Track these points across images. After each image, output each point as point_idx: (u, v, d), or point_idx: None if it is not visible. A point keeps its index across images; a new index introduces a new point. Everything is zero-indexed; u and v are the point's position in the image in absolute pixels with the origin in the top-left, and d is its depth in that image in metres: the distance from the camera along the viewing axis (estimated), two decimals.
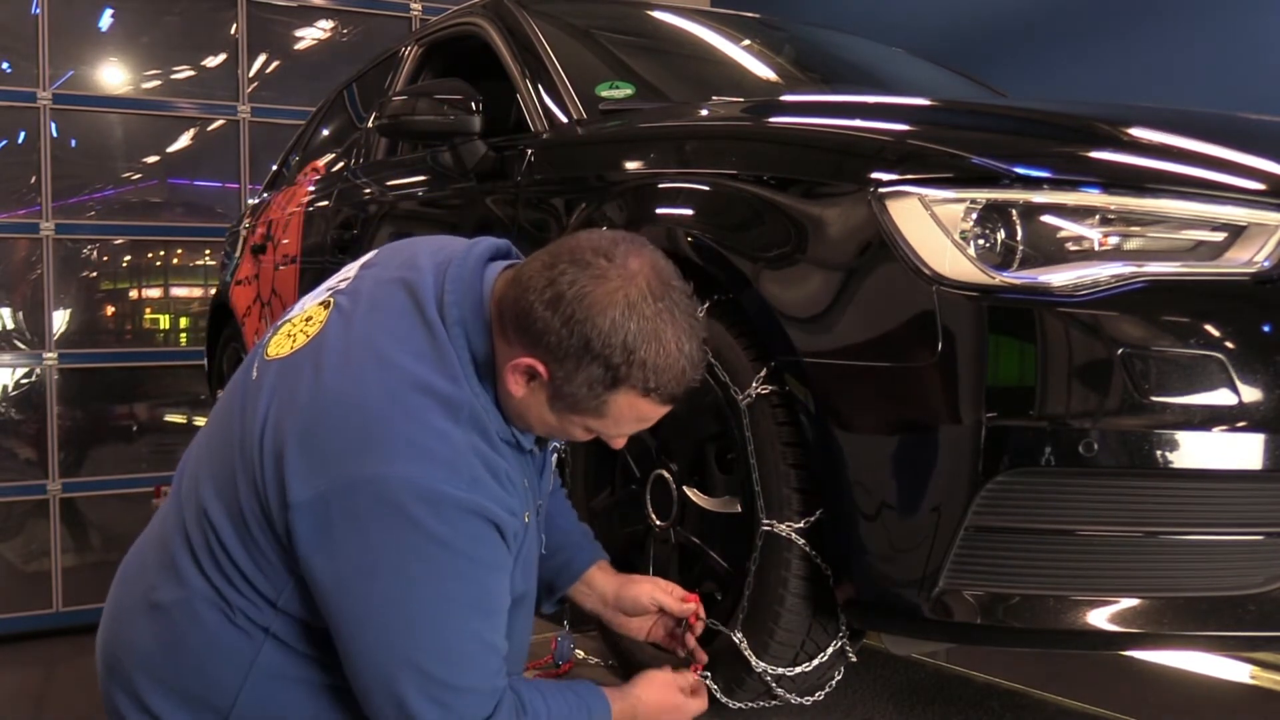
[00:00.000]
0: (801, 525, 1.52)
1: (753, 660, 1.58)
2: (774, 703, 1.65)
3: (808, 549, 1.53)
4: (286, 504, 1.25)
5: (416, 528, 1.22)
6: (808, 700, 1.65)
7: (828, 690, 1.68)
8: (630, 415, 1.32)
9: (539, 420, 1.35)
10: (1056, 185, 1.40)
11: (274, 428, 1.29)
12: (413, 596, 1.24)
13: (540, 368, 1.27)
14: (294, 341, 1.38)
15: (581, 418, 1.33)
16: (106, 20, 5.20)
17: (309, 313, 1.42)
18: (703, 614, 1.64)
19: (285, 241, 3.53)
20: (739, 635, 1.60)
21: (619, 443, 1.43)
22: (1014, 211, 1.39)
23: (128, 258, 5.39)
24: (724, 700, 1.65)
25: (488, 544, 1.28)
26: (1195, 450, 1.32)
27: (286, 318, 1.46)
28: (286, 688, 1.36)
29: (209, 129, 5.37)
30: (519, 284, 1.29)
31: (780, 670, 1.59)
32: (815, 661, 1.59)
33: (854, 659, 1.63)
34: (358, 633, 1.26)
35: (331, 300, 1.40)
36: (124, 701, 1.39)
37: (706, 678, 1.64)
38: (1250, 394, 1.30)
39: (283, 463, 1.26)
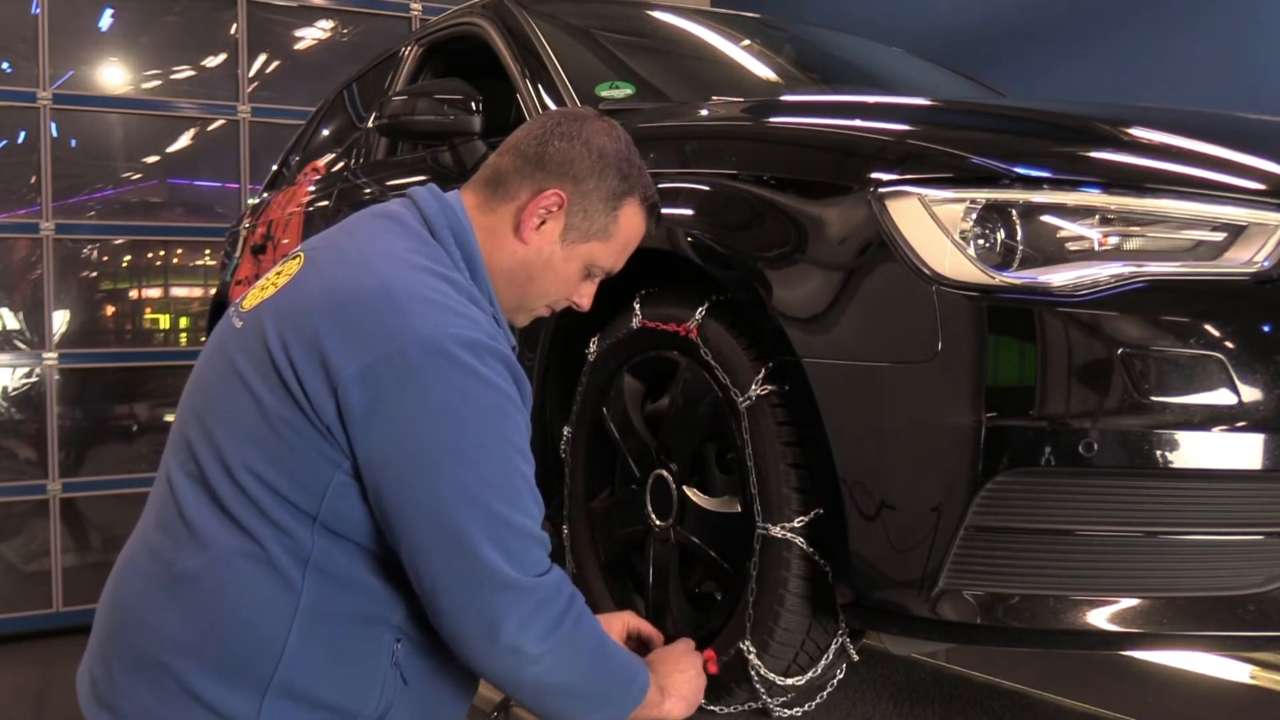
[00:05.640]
0: (799, 525, 1.53)
1: (758, 673, 1.58)
2: (772, 703, 1.65)
3: (808, 549, 1.53)
4: (334, 384, 1.27)
5: (462, 369, 1.28)
6: (798, 711, 1.66)
7: (829, 690, 1.68)
8: (628, 233, 1.51)
9: (542, 268, 1.48)
10: (1056, 185, 1.40)
11: (295, 330, 1.31)
12: (468, 435, 1.28)
13: (562, 195, 1.45)
14: (275, 286, 1.40)
15: (589, 246, 1.49)
16: (106, 20, 5.19)
17: (278, 268, 1.45)
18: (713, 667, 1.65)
19: (285, 241, 3.53)
20: (747, 645, 1.60)
21: (587, 299, 1.55)
22: (1014, 211, 1.39)
23: (128, 258, 5.37)
24: (712, 707, 1.65)
25: (519, 386, 1.36)
26: (1195, 450, 1.32)
27: (245, 293, 1.47)
28: (333, 630, 1.32)
29: (209, 129, 5.36)
30: (519, 143, 1.48)
31: (788, 681, 1.59)
32: (816, 670, 1.59)
33: (855, 657, 1.63)
34: (418, 487, 1.27)
35: (302, 253, 1.44)
36: (151, 696, 1.31)
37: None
38: (1250, 394, 1.30)
39: (321, 349, 1.28)
